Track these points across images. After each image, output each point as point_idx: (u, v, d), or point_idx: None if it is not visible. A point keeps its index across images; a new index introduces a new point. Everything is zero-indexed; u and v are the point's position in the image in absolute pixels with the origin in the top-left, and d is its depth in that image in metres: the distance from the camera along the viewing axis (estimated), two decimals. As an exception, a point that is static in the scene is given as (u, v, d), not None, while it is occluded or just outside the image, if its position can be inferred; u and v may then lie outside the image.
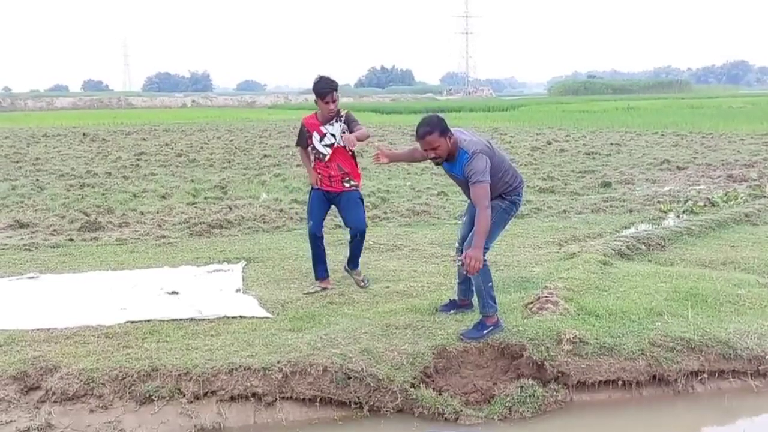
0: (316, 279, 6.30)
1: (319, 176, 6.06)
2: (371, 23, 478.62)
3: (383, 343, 4.76)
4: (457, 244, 5.40)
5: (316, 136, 5.99)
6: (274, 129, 27.98)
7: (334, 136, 5.92)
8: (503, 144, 20.44)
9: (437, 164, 4.95)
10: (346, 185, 6.04)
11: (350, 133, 5.84)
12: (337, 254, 7.02)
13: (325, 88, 5.78)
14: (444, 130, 4.77)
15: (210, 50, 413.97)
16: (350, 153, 6.00)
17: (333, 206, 6.23)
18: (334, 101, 5.81)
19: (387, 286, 6.24)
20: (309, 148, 6.07)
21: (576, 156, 17.27)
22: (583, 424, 4.52)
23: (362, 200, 6.18)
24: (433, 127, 4.76)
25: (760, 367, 4.82)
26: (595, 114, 35.16)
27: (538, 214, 9.98)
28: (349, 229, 6.24)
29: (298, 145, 6.22)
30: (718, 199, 10.49)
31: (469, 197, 4.89)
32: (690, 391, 4.77)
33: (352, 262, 6.34)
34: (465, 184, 4.84)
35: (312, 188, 6.21)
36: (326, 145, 5.96)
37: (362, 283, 6.26)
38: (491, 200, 4.71)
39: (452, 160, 4.86)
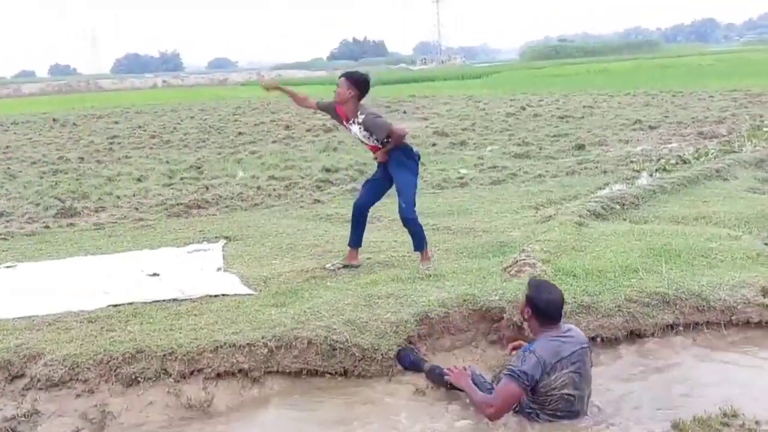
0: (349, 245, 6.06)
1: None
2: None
3: (366, 313, 4.81)
4: None
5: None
6: (248, 106, 27.73)
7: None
8: (478, 112, 20.45)
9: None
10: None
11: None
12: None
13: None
14: None
15: (179, 29, 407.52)
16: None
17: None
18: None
19: (368, 257, 6.28)
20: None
21: (550, 120, 17.36)
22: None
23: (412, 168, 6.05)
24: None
25: (732, 318, 4.95)
26: (568, 77, 35.29)
27: (514, 180, 10.07)
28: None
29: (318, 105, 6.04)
30: (690, 156, 10.65)
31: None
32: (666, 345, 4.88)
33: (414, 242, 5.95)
34: None
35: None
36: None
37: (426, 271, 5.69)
38: None
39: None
